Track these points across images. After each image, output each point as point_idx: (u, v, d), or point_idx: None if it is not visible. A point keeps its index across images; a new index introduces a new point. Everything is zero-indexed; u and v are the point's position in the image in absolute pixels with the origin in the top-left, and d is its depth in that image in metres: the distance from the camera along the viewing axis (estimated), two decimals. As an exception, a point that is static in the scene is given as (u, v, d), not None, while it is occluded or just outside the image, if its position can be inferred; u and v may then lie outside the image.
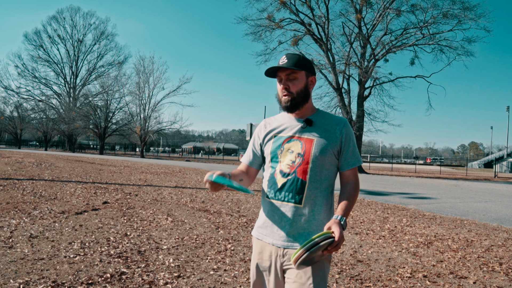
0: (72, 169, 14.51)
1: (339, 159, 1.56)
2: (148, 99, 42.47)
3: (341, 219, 1.41)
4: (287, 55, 1.54)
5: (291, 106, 1.54)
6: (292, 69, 1.51)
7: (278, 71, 1.55)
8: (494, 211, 8.57)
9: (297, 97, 1.53)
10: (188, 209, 6.74)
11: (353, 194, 1.53)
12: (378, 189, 13.23)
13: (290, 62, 1.50)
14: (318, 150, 1.51)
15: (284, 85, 1.53)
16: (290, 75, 1.53)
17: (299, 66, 1.51)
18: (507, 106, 47.11)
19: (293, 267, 1.45)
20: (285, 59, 1.52)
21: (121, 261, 3.52)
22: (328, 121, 1.57)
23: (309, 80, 1.57)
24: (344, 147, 1.54)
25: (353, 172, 1.58)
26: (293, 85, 1.53)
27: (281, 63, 1.52)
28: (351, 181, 1.56)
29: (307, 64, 1.55)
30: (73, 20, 54.32)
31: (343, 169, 1.57)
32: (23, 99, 52.97)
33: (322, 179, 1.52)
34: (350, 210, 1.49)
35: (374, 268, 3.76)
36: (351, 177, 1.57)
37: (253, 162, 1.67)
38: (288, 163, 1.52)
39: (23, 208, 5.86)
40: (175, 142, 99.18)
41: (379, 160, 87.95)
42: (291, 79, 1.53)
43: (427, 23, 24.67)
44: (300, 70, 1.52)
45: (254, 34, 26.46)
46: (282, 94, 1.55)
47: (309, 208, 1.49)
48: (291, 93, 1.53)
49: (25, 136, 65.67)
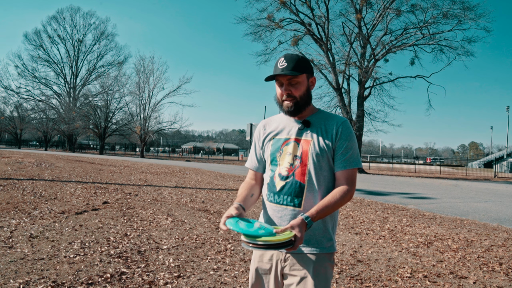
0: (72, 169, 14.51)
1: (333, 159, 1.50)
2: (148, 99, 42.51)
3: (309, 222, 1.34)
4: (285, 56, 1.47)
5: (295, 111, 1.49)
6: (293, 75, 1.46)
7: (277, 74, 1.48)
8: (494, 211, 8.57)
9: (300, 101, 1.49)
10: (188, 209, 6.74)
11: (336, 197, 1.41)
12: (378, 189, 13.23)
13: (291, 66, 1.44)
14: (315, 151, 1.46)
15: (286, 90, 1.47)
16: (291, 79, 1.47)
17: (299, 69, 1.45)
18: (507, 106, 47.08)
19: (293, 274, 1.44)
20: (284, 62, 1.45)
21: (121, 261, 3.52)
22: (327, 121, 1.52)
23: (309, 82, 1.53)
24: (336, 146, 1.47)
25: (345, 176, 1.46)
26: (295, 90, 1.47)
27: (280, 67, 1.45)
28: (340, 184, 1.46)
29: (307, 65, 1.49)
30: (73, 20, 54.34)
31: (335, 171, 1.49)
32: (23, 99, 53.01)
33: (321, 182, 1.47)
34: (325, 213, 1.39)
35: (374, 268, 3.76)
36: (341, 180, 1.46)
37: (258, 167, 1.65)
38: (286, 166, 1.49)
39: (23, 208, 5.86)
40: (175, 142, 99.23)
41: (379, 160, 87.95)
42: (293, 83, 1.47)
43: (427, 23, 24.67)
44: (301, 73, 1.46)
45: (254, 34, 26.49)
46: (284, 99, 1.50)
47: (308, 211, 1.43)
48: (294, 97, 1.48)
49: (25, 136, 65.65)
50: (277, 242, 1.26)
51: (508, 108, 47.23)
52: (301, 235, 1.30)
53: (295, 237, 1.29)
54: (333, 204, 1.40)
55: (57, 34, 53.64)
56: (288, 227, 1.32)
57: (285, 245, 1.28)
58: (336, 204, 1.41)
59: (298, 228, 1.30)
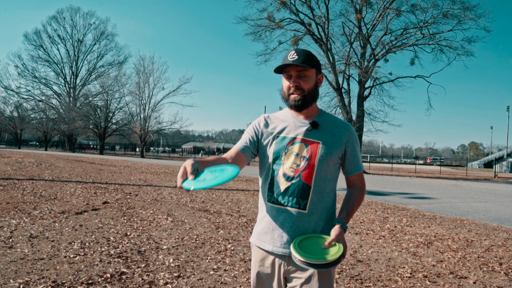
0: (72, 169, 14.51)
1: (343, 164, 1.53)
2: (148, 99, 42.53)
3: (345, 227, 1.41)
4: (296, 50, 1.44)
5: (302, 105, 1.46)
6: (304, 67, 1.43)
7: (287, 66, 1.45)
8: (494, 211, 8.57)
9: (308, 95, 1.46)
10: (188, 209, 6.74)
11: (358, 199, 1.51)
12: (378, 189, 13.22)
13: (301, 59, 1.41)
14: (324, 154, 1.45)
15: (295, 83, 1.44)
16: (301, 72, 1.44)
17: (310, 63, 1.43)
18: (507, 106, 47.10)
19: (297, 276, 1.43)
20: (295, 54, 1.42)
21: (121, 261, 3.52)
22: (334, 124, 1.51)
23: (318, 78, 1.50)
24: (349, 152, 1.51)
25: (359, 177, 1.55)
26: (304, 83, 1.45)
27: (290, 59, 1.42)
28: (357, 186, 1.55)
29: (317, 62, 1.47)
30: (73, 20, 54.41)
31: (349, 174, 1.54)
32: (23, 99, 53.04)
33: (327, 184, 1.46)
34: (352, 215, 1.48)
35: (374, 268, 3.76)
36: (357, 181, 1.55)
37: (247, 149, 1.51)
38: (292, 166, 1.45)
39: (23, 208, 5.86)
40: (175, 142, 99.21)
41: (379, 160, 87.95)
42: (302, 76, 1.45)
43: (427, 23, 24.66)
44: (312, 67, 1.44)
45: (254, 34, 26.47)
46: (291, 92, 1.46)
47: (313, 213, 1.44)
48: (302, 90, 1.45)
49: (25, 136, 65.70)
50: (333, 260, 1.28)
51: (508, 108, 47.23)
52: (345, 243, 1.36)
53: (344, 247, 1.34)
54: (357, 205, 1.51)
55: (57, 34, 53.74)
56: (334, 239, 1.35)
57: (340, 260, 1.31)
58: (359, 204, 1.52)
59: (342, 238, 1.37)
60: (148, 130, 42.12)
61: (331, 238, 1.35)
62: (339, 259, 1.29)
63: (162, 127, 43.33)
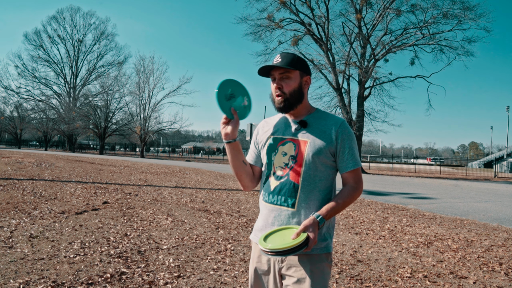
0: (72, 169, 14.51)
1: (336, 161, 1.51)
2: (148, 99, 42.49)
3: (321, 220, 1.37)
4: (281, 54, 1.49)
5: (284, 107, 1.50)
6: (285, 68, 1.46)
7: (272, 70, 1.50)
8: (494, 211, 8.57)
9: (290, 98, 1.48)
10: (188, 209, 6.74)
11: (345, 197, 1.46)
12: (378, 189, 13.22)
13: (284, 61, 1.46)
14: (311, 152, 1.46)
15: (277, 85, 1.48)
16: (283, 74, 1.48)
17: (293, 66, 1.46)
18: (507, 106, 47.07)
19: (291, 274, 1.44)
20: (279, 58, 1.47)
21: (121, 261, 3.52)
22: (324, 122, 1.52)
23: (303, 80, 1.52)
24: (340, 148, 1.48)
25: (352, 175, 1.50)
26: (286, 85, 1.48)
27: (275, 62, 1.47)
28: (348, 184, 1.51)
29: (302, 64, 1.50)
30: (73, 20, 54.41)
31: (341, 172, 1.52)
32: (23, 99, 53.05)
33: (316, 182, 1.47)
34: (335, 211, 1.44)
35: (374, 268, 3.76)
36: (349, 179, 1.51)
37: (256, 161, 1.64)
38: (281, 166, 1.49)
39: (23, 208, 5.86)
40: (175, 142, 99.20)
41: (379, 160, 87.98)
42: (284, 78, 1.48)
43: (427, 23, 24.66)
44: (294, 69, 1.47)
45: (254, 34, 26.45)
46: (275, 94, 1.50)
47: (302, 211, 1.45)
48: (284, 93, 1.48)
49: (25, 136, 65.66)
50: (292, 247, 1.29)
51: (508, 108, 47.22)
52: (314, 235, 1.34)
53: (308, 237, 1.33)
54: (342, 202, 1.45)
55: (57, 34, 53.74)
56: (301, 229, 1.35)
57: (300, 248, 1.31)
58: (345, 202, 1.46)
59: (310, 228, 1.35)
60: (148, 130, 42.11)
61: (300, 228, 1.35)
62: (296, 248, 1.30)
63: (162, 127, 43.33)
